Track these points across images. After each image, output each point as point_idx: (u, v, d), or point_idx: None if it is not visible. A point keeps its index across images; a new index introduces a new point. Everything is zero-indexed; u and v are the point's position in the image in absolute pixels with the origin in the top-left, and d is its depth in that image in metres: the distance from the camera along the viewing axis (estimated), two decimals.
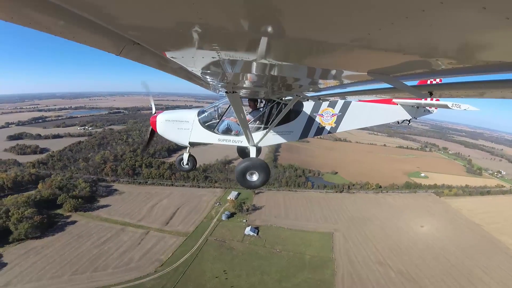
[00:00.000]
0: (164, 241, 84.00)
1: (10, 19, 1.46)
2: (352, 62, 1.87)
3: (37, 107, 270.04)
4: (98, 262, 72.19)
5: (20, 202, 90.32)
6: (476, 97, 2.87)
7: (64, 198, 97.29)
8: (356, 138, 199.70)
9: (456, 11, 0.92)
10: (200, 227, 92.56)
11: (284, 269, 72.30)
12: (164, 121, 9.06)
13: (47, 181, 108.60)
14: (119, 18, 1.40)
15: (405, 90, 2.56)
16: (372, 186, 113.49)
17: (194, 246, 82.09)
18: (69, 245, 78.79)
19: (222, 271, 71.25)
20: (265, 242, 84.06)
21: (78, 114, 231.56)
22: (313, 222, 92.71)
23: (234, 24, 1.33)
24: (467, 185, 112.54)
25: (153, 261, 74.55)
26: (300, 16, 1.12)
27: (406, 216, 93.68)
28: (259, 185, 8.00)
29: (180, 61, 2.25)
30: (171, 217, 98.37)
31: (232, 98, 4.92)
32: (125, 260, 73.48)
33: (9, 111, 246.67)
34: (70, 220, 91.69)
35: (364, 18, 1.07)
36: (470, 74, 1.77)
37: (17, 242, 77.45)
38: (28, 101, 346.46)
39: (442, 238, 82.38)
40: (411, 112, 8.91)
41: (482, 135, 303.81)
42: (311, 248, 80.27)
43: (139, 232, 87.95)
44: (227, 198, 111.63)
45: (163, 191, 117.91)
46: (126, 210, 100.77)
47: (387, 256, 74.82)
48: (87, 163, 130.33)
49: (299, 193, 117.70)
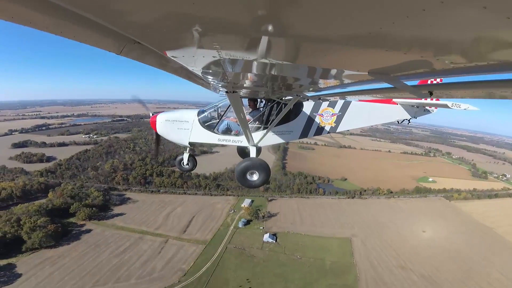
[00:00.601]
0: (184, 250, 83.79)
1: (10, 19, 1.47)
2: (352, 62, 1.93)
3: (40, 114, 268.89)
4: (120, 272, 71.46)
5: (31, 211, 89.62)
6: (476, 97, 2.86)
7: (77, 206, 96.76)
8: (360, 145, 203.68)
9: (457, 11, 0.93)
10: (217, 234, 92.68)
11: (306, 275, 72.94)
12: (164, 121, 9.08)
13: (57, 190, 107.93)
14: (119, 17, 1.40)
15: (406, 90, 2.59)
16: (384, 191, 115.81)
17: (214, 254, 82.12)
18: (87, 254, 77.79)
19: (245, 279, 71.46)
20: (284, 249, 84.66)
21: (81, 122, 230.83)
22: (329, 228, 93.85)
23: (235, 23, 1.33)
24: (475, 189, 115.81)
25: (176, 270, 74.26)
26: (300, 15, 1.13)
27: (420, 220, 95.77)
28: (259, 185, 7.99)
29: (181, 60, 2.29)
30: (187, 225, 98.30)
31: (232, 98, 4.94)
32: (147, 270, 72.98)
33: (12, 118, 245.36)
34: (85, 229, 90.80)
35: (364, 17, 1.08)
36: (471, 74, 1.81)
37: (31, 252, 76.20)
38: (30, 108, 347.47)
39: (457, 242, 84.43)
40: (411, 111, 8.95)
41: (483, 139, 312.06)
42: (330, 254, 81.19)
43: (158, 240, 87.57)
44: (241, 206, 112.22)
45: (176, 199, 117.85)
46: (141, 218, 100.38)
47: (407, 260, 76.29)
48: (96, 172, 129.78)
49: (312, 200, 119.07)
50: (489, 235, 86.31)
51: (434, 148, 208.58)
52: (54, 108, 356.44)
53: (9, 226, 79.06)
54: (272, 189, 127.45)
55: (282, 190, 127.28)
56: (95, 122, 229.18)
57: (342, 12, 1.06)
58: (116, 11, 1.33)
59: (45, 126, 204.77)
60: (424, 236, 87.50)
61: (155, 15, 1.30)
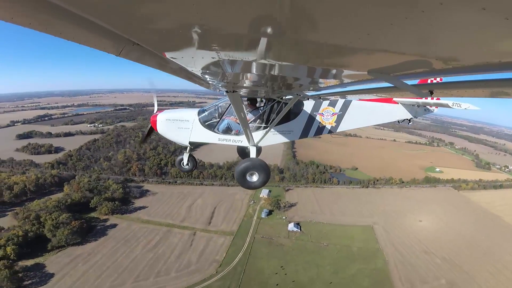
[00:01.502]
0: (214, 241, 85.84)
1: (10, 19, 1.47)
2: (352, 62, 1.94)
3: (39, 105, 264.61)
4: (158, 267, 72.71)
5: (50, 207, 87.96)
6: (476, 96, 2.93)
7: (97, 200, 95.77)
8: (365, 134, 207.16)
9: (456, 12, 0.94)
10: (242, 225, 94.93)
11: (336, 261, 76.97)
12: (165, 120, 9.08)
13: (72, 183, 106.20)
14: (119, 19, 1.41)
15: (406, 89, 2.64)
16: (396, 181, 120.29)
17: (244, 244, 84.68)
18: (119, 250, 78.13)
19: (278, 268, 74.53)
20: (310, 237, 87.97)
21: (83, 112, 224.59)
22: (349, 217, 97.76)
23: (234, 24, 1.34)
24: (481, 179, 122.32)
25: (211, 262, 76.48)
26: (299, 16, 1.15)
27: (434, 209, 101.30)
28: (259, 186, 7.96)
29: (180, 62, 2.31)
30: (211, 216, 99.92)
31: (232, 98, 4.97)
32: (184, 263, 74.69)
33: (11, 110, 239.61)
34: (109, 224, 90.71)
35: (364, 18, 1.09)
36: (471, 73, 1.85)
37: (57, 250, 75.38)
38: (28, 100, 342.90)
39: (470, 228, 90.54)
40: (412, 111, 9.00)
41: (483, 129, 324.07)
42: (355, 240, 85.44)
43: (186, 233, 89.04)
44: (260, 196, 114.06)
45: (195, 191, 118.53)
46: (165, 211, 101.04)
47: (429, 245, 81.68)
48: (110, 163, 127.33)
49: (327, 189, 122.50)
50: (497, 222, 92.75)
51: (437, 137, 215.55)
52: (52, 99, 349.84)
53: (29, 224, 77.65)
54: (287, 178, 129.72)
55: (297, 179, 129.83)
56: (97, 112, 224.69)
57: (341, 12, 1.07)
58: (115, 13, 1.32)
59: (47, 117, 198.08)
60: (439, 224, 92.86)
61: (154, 16, 1.32)
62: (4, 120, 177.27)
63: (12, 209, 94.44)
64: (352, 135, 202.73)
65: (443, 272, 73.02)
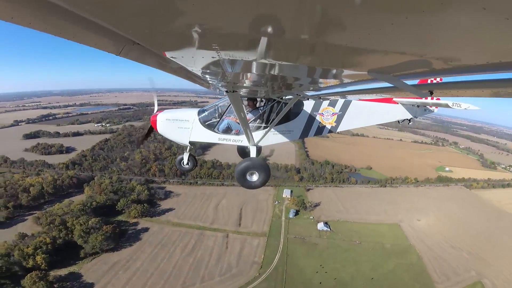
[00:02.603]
0: (248, 243, 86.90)
1: (10, 19, 1.47)
2: (352, 62, 1.97)
3: (40, 105, 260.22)
4: (201, 272, 73.11)
5: (75, 211, 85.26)
6: (476, 96, 2.97)
7: (125, 203, 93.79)
8: (372, 133, 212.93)
9: (456, 12, 0.95)
10: (272, 226, 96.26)
11: (372, 258, 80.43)
12: (165, 120, 9.15)
13: (92, 184, 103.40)
14: (119, 19, 1.42)
15: (406, 89, 2.65)
16: (412, 180, 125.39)
17: (279, 245, 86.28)
18: (158, 255, 77.61)
19: (318, 266, 76.77)
20: (341, 235, 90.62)
21: (87, 111, 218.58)
22: (375, 215, 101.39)
23: (234, 24, 1.34)
24: (489, 178, 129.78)
25: (251, 264, 77.68)
26: (300, 16, 1.15)
27: (451, 207, 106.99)
28: (259, 186, 8.05)
29: (180, 61, 2.35)
30: (239, 217, 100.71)
31: (232, 97, 5.00)
32: (225, 267, 75.45)
33: (13, 109, 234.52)
34: (141, 227, 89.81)
35: (364, 18, 1.10)
36: (471, 73, 1.87)
37: (91, 257, 73.50)
38: (27, 99, 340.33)
39: (487, 225, 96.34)
40: (412, 111, 9.07)
41: (483, 129, 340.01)
42: (386, 238, 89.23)
43: (218, 235, 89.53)
44: (283, 196, 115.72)
45: (217, 191, 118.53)
46: (192, 213, 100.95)
47: (455, 241, 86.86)
48: (127, 163, 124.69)
49: (346, 188, 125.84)
50: (511, 219, 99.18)
51: (441, 137, 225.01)
52: (52, 98, 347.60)
53: (56, 230, 74.99)
54: (306, 178, 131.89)
55: (316, 179, 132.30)
56: (101, 111, 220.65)
57: (341, 12, 1.09)
58: (115, 13, 1.33)
59: (51, 116, 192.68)
60: (459, 221, 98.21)
61: (154, 16, 1.32)
62: (7, 119, 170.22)
63: (31, 213, 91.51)
64: (360, 134, 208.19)
65: (471, 265, 78.21)
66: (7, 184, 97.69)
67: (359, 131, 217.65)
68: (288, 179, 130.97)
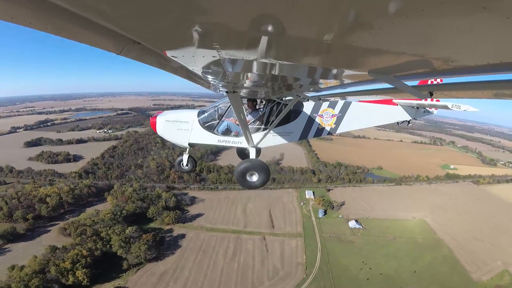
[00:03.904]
0: (287, 244, 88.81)
1: (10, 19, 1.49)
2: (352, 62, 2.01)
3: (35, 110, 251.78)
4: (250, 277, 73.98)
5: (106, 220, 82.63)
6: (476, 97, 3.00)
7: (156, 210, 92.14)
8: (373, 135, 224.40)
9: (456, 11, 0.96)
10: (305, 226, 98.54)
11: (408, 252, 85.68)
12: (164, 121, 9.23)
13: (113, 193, 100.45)
14: (119, 18, 1.44)
15: (406, 90, 2.68)
16: (424, 178, 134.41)
17: (317, 244, 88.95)
18: (203, 262, 77.40)
19: (360, 263, 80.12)
20: (374, 232, 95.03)
21: (86, 116, 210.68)
22: (400, 212, 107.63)
23: (235, 23, 1.36)
24: (493, 174, 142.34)
25: (296, 265, 79.67)
26: (301, 15, 1.16)
27: (465, 202, 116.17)
28: (259, 186, 8.22)
29: (181, 60, 2.38)
30: (270, 220, 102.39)
31: (232, 98, 5.13)
32: (272, 270, 76.85)
33: (7, 115, 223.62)
34: (177, 234, 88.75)
35: (364, 17, 1.12)
36: (471, 74, 1.88)
37: (135, 268, 71.45)
38: (19, 104, 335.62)
39: (500, 218, 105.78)
40: (411, 112, 9.21)
41: (475, 128, 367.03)
42: (416, 233, 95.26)
43: (256, 238, 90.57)
44: (307, 197, 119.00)
45: (240, 195, 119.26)
46: (222, 217, 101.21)
47: (476, 233, 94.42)
48: (143, 170, 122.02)
49: (364, 188, 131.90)
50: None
51: (437, 137, 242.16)
52: (45, 103, 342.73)
53: (90, 241, 72.13)
54: (324, 179, 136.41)
55: (333, 180, 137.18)
56: (99, 116, 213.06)
57: (342, 12, 1.10)
58: (116, 12, 1.35)
59: (49, 122, 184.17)
60: (474, 214, 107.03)
61: (154, 15, 1.33)
62: (4, 126, 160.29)
63: (53, 223, 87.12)
64: (361, 136, 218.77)
65: (495, 255, 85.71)
66: (19, 195, 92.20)
67: (360, 133, 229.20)
68: (306, 181, 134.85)
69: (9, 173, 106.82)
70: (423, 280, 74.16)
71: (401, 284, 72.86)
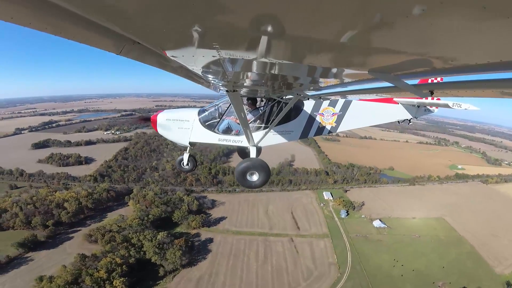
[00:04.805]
0: (316, 245, 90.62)
1: (10, 19, 1.50)
2: (353, 61, 2.02)
3: (37, 111, 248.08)
4: (285, 279, 75.50)
5: (134, 226, 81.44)
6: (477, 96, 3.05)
7: (182, 214, 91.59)
8: (378, 136, 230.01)
9: (457, 11, 0.98)
10: (330, 227, 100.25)
11: (434, 249, 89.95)
12: (165, 120, 9.31)
13: (134, 197, 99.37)
14: (119, 18, 1.45)
15: (406, 89, 2.72)
16: (435, 178, 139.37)
17: (345, 244, 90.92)
18: (236, 266, 78.19)
19: (392, 261, 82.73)
20: (399, 231, 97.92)
21: (90, 117, 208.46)
22: (419, 211, 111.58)
23: (235, 23, 1.38)
24: (500, 174, 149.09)
25: (328, 264, 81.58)
26: (300, 15, 1.18)
27: (477, 200, 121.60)
28: (259, 185, 8.21)
29: (181, 60, 2.40)
30: (294, 221, 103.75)
31: (232, 97, 5.12)
32: (305, 272, 78.61)
33: (9, 116, 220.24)
34: (205, 238, 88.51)
35: (364, 17, 1.14)
36: (471, 73, 1.91)
37: (171, 275, 70.86)
38: (20, 106, 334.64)
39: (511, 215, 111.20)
40: (412, 111, 9.30)
41: (475, 128, 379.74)
42: (438, 231, 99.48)
43: (283, 240, 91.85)
44: (325, 199, 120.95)
45: (259, 197, 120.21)
46: (245, 220, 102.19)
47: (493, 230, 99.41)
48: (159, 173, 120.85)
49: (380, 188, 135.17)
50: None
51: (440, 137, 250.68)
52: (47, 105, 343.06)
53: (123, 249, 70.89)
54: (339, 181, 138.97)
55: (348, 181, 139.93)
56: (104, 117, 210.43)
57: (342, 11, 1.12)
58: (116, 12, 1.36)
59: (53, 123, 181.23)
60: (488, 212, 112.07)
61: (154, 15, 1.34)
62: (8, 127, 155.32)
63: (74, 230, 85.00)
64: (367, 137, 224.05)
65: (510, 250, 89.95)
66: (35, 200, 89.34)
67: (366, 133, 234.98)
68: (322, 182, 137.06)
69: (19, 176, 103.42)
70: (452, 275, 78.06)
71: (433, 279, 76.40)
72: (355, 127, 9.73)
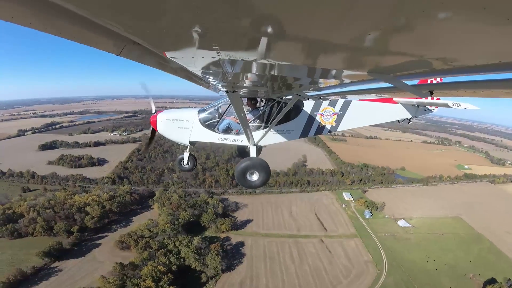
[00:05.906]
0: (347, 245, 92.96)
1: (10, 19, 1.52)
2: (352, 62, 2.05)
3: (37, 113, 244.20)
4: (326, 279, 77.22)
5: (167, 230, 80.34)
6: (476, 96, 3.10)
7: (211, 218, 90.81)
8: (384, 135, 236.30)
9: (456, 12, 1.00)
10: (356, 227, 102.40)
11: (458, 246, 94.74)
12: (165, 120, 9.52)
13: (157, 199, 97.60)
14: (119, 19, 1.48)
15: (406, 89, 2.75)
16: (447, 178, 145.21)
17: (376, 243, 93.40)
18: (275, 269, 79.82)
19: (424, 257, 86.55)
20: (424, 229, 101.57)
21: (93, 119, 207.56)
22: (437, 210, 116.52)
23: (234, 24, 1.39)
24: (506, 174, 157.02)
25: (365, 263, 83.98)
26: (300, 16, 1.19)
27: (488, 199, 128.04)
28: (259, 185, 8.27)
29: (180, 61, 2.43)
30: (320, 222, 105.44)
31: (232, 98, 5.19)
32: (344, 270, 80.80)
33: (9, 118, 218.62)
34: (236, 242, 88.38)
35: (364, 18, 1.15)
36: (471, 73, 1.95)
37: (213, 280, 70.64)
38: (18, 108, 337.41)
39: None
40: (412, 111, 9.52)
41: (473, 127, 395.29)
42: (457, 228, 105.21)
43: (314, 241, 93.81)
44: (345, 199, 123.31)
45: (280, 199, 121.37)
46: (272, 222, 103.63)
47: (506, 227, 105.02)
48: (176, 175, 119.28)
49: (396, 189, 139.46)
50: None
51: (443, 137, 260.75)
52: (45, 106, 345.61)
53: (163, 256, 69.74)
54: (356, 181, 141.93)
55: (364, 182, 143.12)
56: (108, 119, 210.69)
57: (341, 12, 1.13)
58: (116, 13, 1.39)
59: (56, 125, 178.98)
60: (500, 211, 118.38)
61: (154, 16, 1.37)
62: (10, 129, 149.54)
63: (100, 236, 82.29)
64: (373, 137, 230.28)
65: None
66: (52, 204, 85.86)
67: (371, 133, 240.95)
68: (339, 183, 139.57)
69: (31, 178, 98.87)
70: (479, 268, 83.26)
71: (464, 271, 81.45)
72: (355, 127, 9.99)
